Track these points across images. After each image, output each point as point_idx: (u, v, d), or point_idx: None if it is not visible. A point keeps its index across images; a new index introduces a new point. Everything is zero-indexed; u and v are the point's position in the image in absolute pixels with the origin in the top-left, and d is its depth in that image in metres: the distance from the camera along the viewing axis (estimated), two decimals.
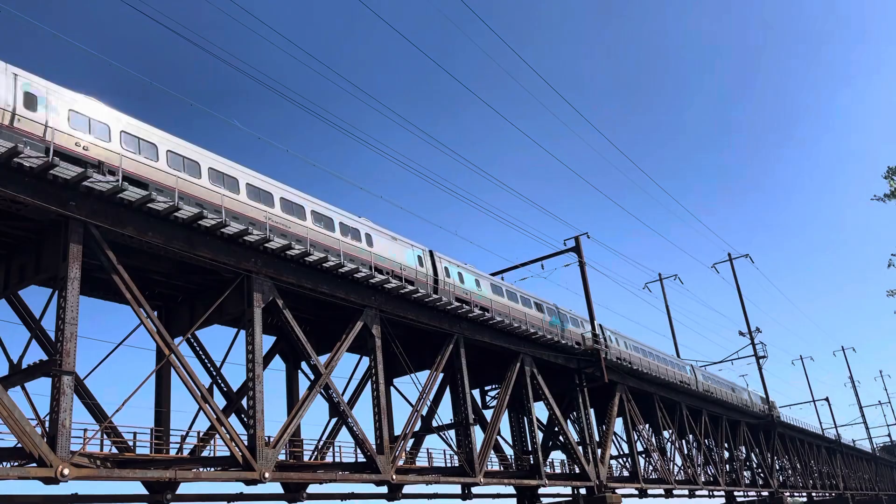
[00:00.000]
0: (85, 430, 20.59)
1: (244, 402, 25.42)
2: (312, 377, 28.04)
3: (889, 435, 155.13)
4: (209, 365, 27.87)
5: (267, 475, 23.19)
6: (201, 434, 25.43)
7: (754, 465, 74.22)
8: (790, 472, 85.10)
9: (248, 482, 23.37)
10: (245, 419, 24.95)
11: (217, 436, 23.83)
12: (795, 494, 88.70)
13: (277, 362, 32.50)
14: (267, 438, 24.40)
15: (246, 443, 23.34)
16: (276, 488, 26.66)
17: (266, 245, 25.25)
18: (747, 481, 71.12)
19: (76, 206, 20.42)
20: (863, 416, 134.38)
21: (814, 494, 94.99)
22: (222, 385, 27.95)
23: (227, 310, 25.65)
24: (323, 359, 28.12)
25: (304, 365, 31.82)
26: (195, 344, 27.66)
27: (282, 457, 25.80)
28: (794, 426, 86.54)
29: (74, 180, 20.05)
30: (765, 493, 72.60)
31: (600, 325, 50.18)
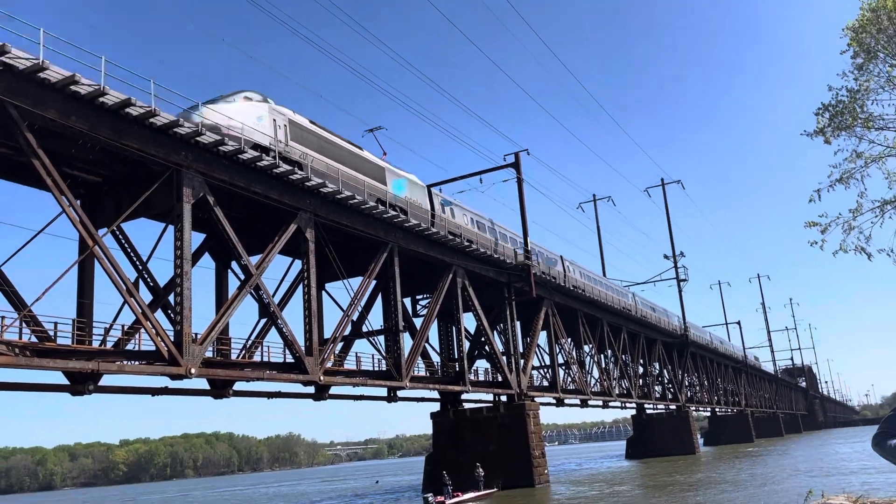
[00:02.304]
0: (2, 318, 20.06)
1: (171, 298, 25.12)
2: (243, 277, 27.78)
3: (791, 358, 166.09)
4: (135, 259, 27.20)
5: (193, 371, 23.21)
6: (126, 328, 25.08)
7: (665, 381, 78.60)
8: (698, 388, 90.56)
9: (174, 377, 23.39)
10: (172, 315, 24.73)
11: (142, 330, 23.54)
12: (700, 409, 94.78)
13: (207, 260, 32.00)
14: (194, 335, 24.27)
15: (172, 338, 23.18)
16: (203, 384, 26.80)
17: (198, 139, 24.36)
18: (657, 395, 75.44)
19: None
20: (769, 339, 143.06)
21: (717, 410, 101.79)
22: (149, 280, 27.43)
23: (155, 203, 24.84)
24: (254, 259, 27.84)
25: (234, 265, 31.42)
26: (120, 236, 26.85)
27: (209, 354, 25.80)
28: (705, 346, 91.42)
29: None
30: (672, 407, 77.32)
31: (560, 257, 52.76)
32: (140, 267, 27.20)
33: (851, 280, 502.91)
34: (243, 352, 30.00)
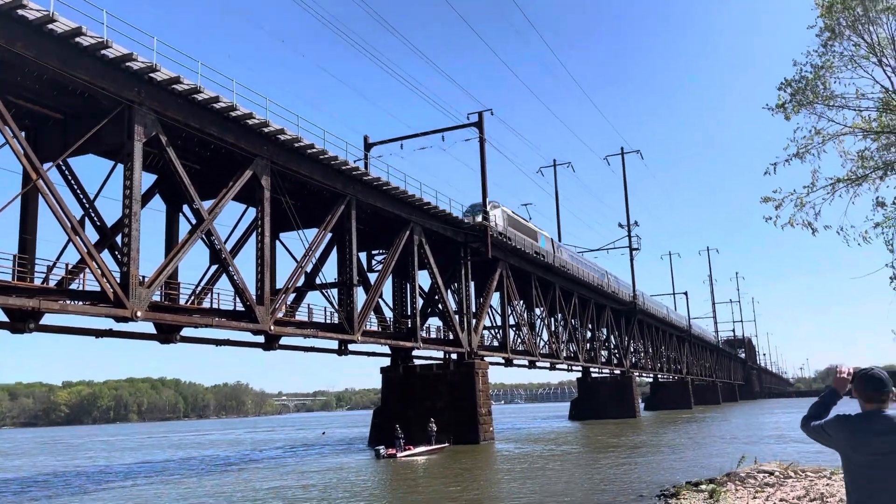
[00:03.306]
0: None
1: (119, 239, 24.44)
2: (194, 221, 27.14)
3: (733, 330, 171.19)
4: (82, 196, 26.34)
5: (139, 314, 22.72)
6: (70, 267, 24.34)
7: (612, 346, 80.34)
8: (642, 354, 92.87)
9: (119, 319, 22.86)
10: (119, 256, 24.08)
11: (87, 270, 22.89)
12: (643, 375, 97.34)
13: (157, 203, 31.17)
14: (142, 278, 23.73)
15: (118, 280, 22.59)
16: (149, 328, 26.29)
17: (152, 75, 23.44)
18: (603, 360, 77.14)
19: None
20: (714, 311, 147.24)
21: (659, 376, 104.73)
22: (95, 219, 26.64)
23: (105, 140, 23.98)
24: (207, 204, 27.15)
25: (185, 209, 30.67)
26: (67, 172, 25.93)
27: (156, 298, 25.29)
28: (653, 314, 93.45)
29: None
30: (617, 372, 79.20)
31: (607, 272, 68.66)
32: (87, 205, 26.36)
33: (796, 258, 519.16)
34: (192, 297, 29.47)
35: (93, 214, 26.56)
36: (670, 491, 18.22)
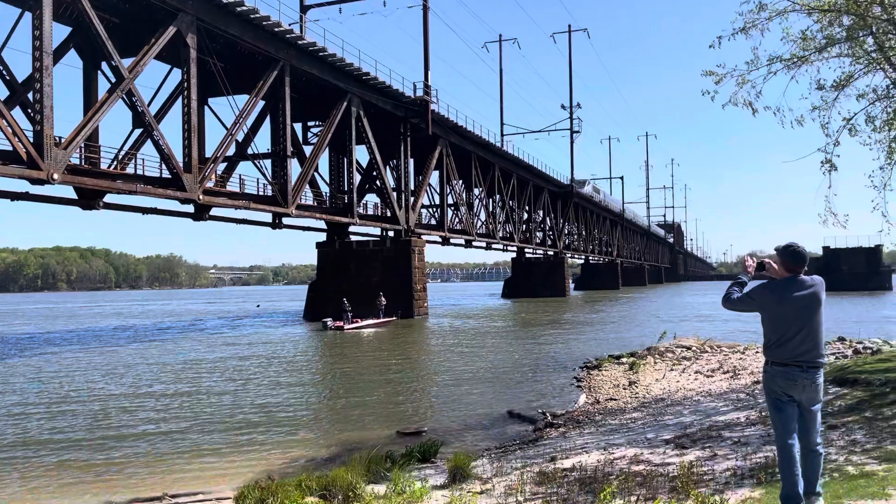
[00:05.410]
0: None
1: (31, 96, 22.71)
2: (114, 80, 25.38)
3: (664, 215, 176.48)
4: None
5: (56, 176, 21.52)
6: None
7: (547, 228, 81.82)
8: (576, 236, 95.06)
9: (35, 181, 21.66)
10: (31, 114, 22.47)
11: None
12: (576, 256, 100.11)
13: (74, 59, 29.02)
14: (58, 139, 22.33)
15: (31, 140, 21.19)
16: (70, 192, 25.10)
17: None
18: (538, 241, 78.69)
19: None
20: (647, 196, 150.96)
21: (591, 258, 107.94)
22: (4, 73, 24.62)
23: None
24: (127, 63, 25.33)
25: (105, 67, 28.65)
26: None
27: (75, 160, 23.97)
28: (588, 198, 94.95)
29: None
30: (550, 253, 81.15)
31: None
32: None
33: (730, 146, 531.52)
34: (115, 162, 28.07)
35: (0, 68, 24.51)
36: (593, 363, 18.95)
